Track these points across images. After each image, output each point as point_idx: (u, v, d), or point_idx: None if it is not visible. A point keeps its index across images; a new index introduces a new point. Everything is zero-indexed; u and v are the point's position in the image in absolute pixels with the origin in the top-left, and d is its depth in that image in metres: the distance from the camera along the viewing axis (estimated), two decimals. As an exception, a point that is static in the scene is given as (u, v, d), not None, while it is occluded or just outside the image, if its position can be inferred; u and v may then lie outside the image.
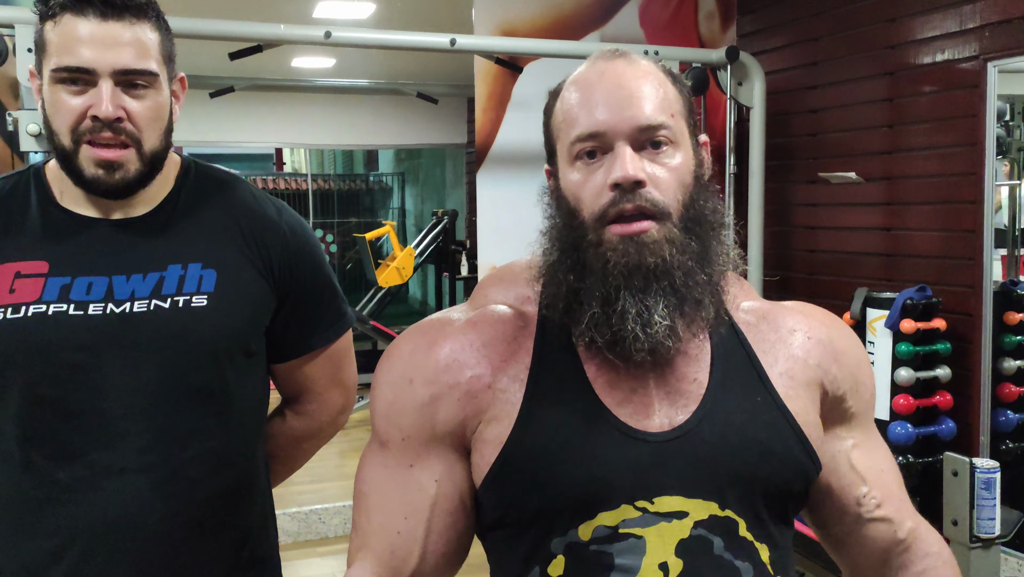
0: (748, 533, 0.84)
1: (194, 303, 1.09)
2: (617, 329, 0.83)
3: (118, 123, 1.04)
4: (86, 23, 1.02)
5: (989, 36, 2.91)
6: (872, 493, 0.93)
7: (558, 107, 0.89)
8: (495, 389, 0.87)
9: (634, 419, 0.85)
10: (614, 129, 0.83)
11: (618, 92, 0.84)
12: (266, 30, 3.05)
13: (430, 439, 0.88)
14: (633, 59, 0.88)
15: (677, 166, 0.85)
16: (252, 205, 1.18)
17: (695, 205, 0.86)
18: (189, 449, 1.09)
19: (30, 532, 1.08)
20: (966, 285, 3.03)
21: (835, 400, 0.93)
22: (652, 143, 0.84)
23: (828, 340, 0.93)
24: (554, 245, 0.88)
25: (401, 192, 9.54)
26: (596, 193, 0.84)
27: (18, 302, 1.06)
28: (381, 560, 0.88)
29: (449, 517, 0.88)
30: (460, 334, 0.90)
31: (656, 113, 0.84)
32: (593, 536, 0.83)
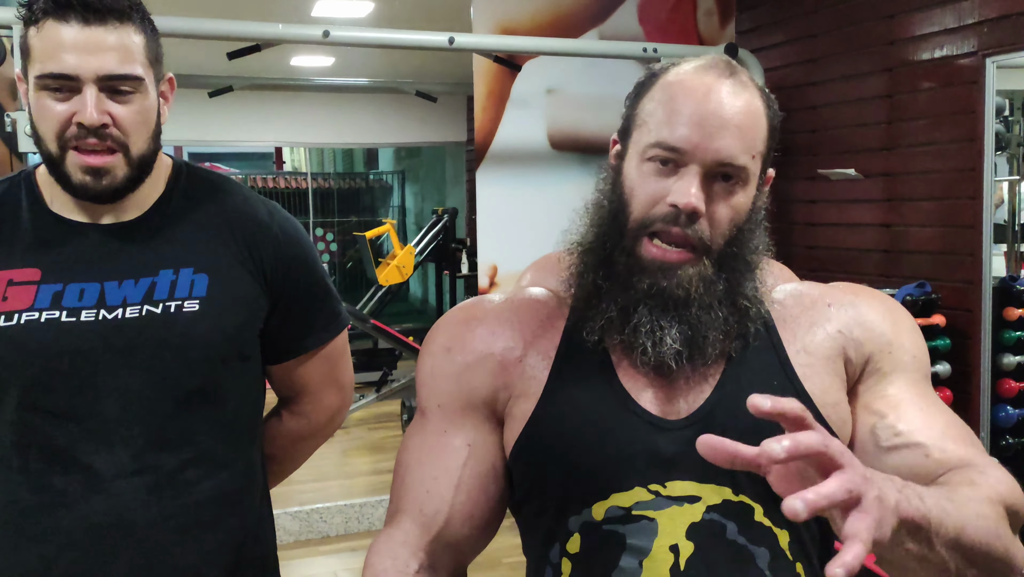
0: (766, 518, 0.85)
1: (186, 308, 1.09)
2: (628, 338, 0.86)
3: (103, 129, 1.04)
4: (68, 29, 1.01)
5: (988, 32, 2.91)
6: (888, 423, 0.88)
7: (650, 97, 0.88)
8: (525, 364, 0.92)
9: (653, 405, 0.88)
10: (694, 153, 0.84)
11: (713, 119, 0.84)
12: (264, 29, 3.05)
13: (465, 406, 0.92)
14: (742, 83, 0.87)
15: (738, 204, 0.87)
16: (243, 208, 1.18)
17: (739, 243, 0.88)
18: (184, 452, 1.10)
19: (27, 537, 1.08)
20: (965, 281, 3.03)
21: (860, 361, 0.91)
22: (724, 176, 0.85)
23: (852, 304, 0.93)
24: (592, 227, 0.91)
25: (401, 190, 9.54)
26: (652, 199, 0.85)
27: (11, 310, 1.06)
28: (410, 517, 0.91)
29: (478, 480, 0.91)
30: (498, 311, 0.95)
31: (741, 153, 0.84)
32: (606, 516, 0.86)
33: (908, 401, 0.89)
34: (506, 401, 0.92)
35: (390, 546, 0.89)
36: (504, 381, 0.92)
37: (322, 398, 1.29)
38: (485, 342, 0.93)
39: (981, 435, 3.01)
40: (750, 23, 3.97)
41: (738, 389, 0.87)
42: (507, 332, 0.93)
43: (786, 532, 0.86)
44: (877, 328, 0.92)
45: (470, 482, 0.91)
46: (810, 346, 0.91)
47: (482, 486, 0.92)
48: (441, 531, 0.90)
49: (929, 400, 0.91)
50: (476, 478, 0.91)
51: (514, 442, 0.90)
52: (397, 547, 0.89)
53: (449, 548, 0.91)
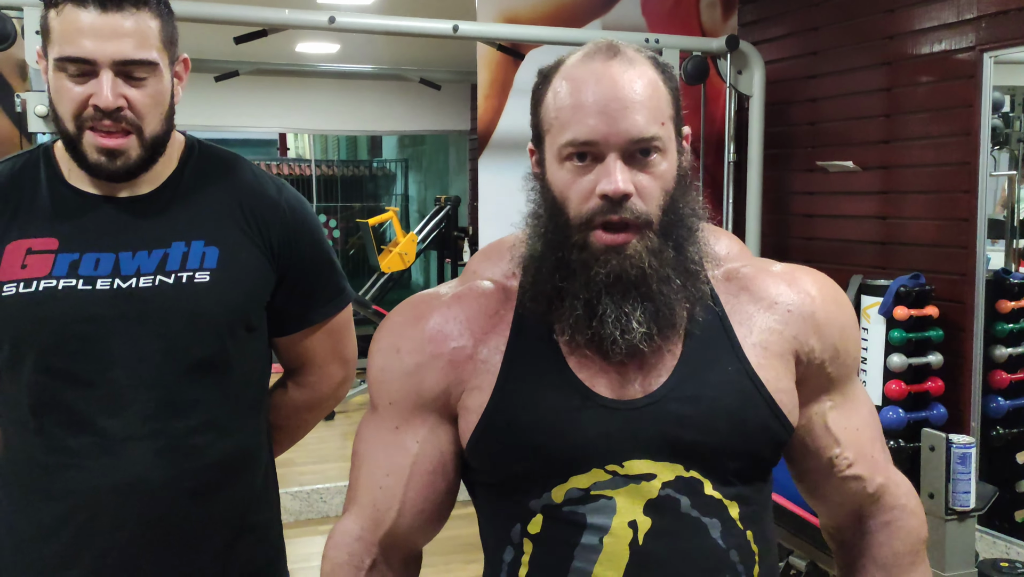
0: (715, 492, 0.90)
1: (197, 279, 1.13)
2: (597, 331, 0.88)
3: (119, 112, 1.07)
4: (87, 14, 1.05)
5: (986, 27, 2.94)
6: (844, 454, 0.98)
7: (550, 98, 0.90)
8: (476, 360, 0.93)
9: (607, 388, 0.90)
10: (607, 141, 0.85)
11: (613, 103, 0.85)
12: (271, 15, 3.08)
13: (415, 404, 0.95)
14: (628, 59, 0.88)
15: (663, 172, 0.88)
16: (253, 184, 1.22)
17: (675, 209, 0.90)
18: (192, 418, 1.14)
19: (42, 495, 1.13)
20: (959, 273, 3.06)
21: (813, 368, 0.96)
22: (642, 151, 0.87)
23: (810, 313, 0.96)
24: (539, 238, 0.92)
25: (404, 178, 9.57)
26: (584, 197, 0.87)
27: (30, 277, 1.10)
28: (365, 512, 0.97)
29: (428, 477, 0.95)
30: (445, 308, 0.95)
31: (649, 124, 0.86)
32: (566, 498, 0.89)
33: (849, 415, 0.99)
34: (459, 395, 0.93)
35: (346, 540, 0.97)
36: (456, 377, 0.93)
37: (326, 370, 1.33)
38: (434, 341, 0.94)
39: (972, 425, 3.05)
40: (752, 15, 4.00)
41: (692, 373, 0.90)
42: (455, 329, 0.94)
43: (735, 504, 0.90)
44: (830, 337, 0.96)
45: (420, 479, 0.95)
46: (765, 342, 0.94)
47: (432, 482, 0.95)
48: (393, 526, 0.96)
49: (860, 404, 1.01)
50: (426, 475, 0.95)
51: (470, 433, 0.92)
52: (352, 542, 0.96)
53: (401, 540, 0.97)
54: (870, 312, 3.09)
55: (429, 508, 0.96)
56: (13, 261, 1.11)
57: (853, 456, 0.98)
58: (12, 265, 1.11)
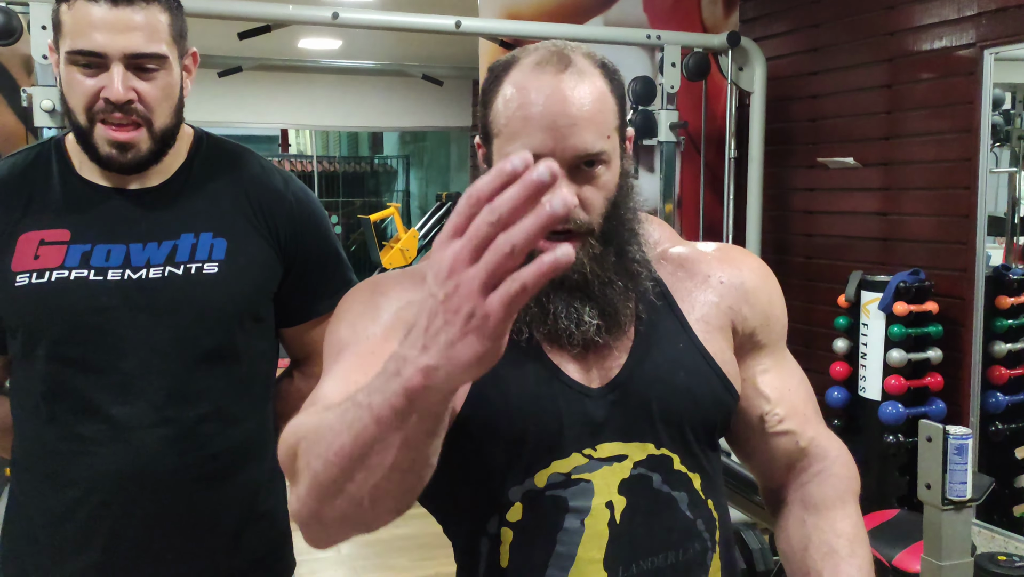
0: (682, 466, 0.95)
1: (206, 270, 1.15)
2: (552, 326, 0.91)
3: (129, 104, 1.09)
4: (98, 8, 1.07)
5: (986, 24, 2.95)
6: (775, 410, 1.02)
7: (499, 103, 0.89)
8: None
9: (578, 374, 0.93)
10: (554, 156, 0.85)
11: (561, 119, 0.86)
12: (275, 10, 3.10)
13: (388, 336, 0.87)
14: (578, 71, 0.88)
15: (606, 182, 0.91)
16: (260, 176, 1.24)
17: (617, 215, 0.93)
18: (201, 407, 1.16)
19: (55, 482, 1.15)
20: (959, 269, 3.08)
21: (746, 336, 1.02)
22: (587, 163, 0.89)
23: (740, 283, 1.01)
24: None
25: (406, 175, 9.58)
26: None
27: (42, 268, 1.12)
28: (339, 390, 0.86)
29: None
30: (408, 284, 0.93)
31: (596, 140, 0.88)
32: (548, 483, 0.92)
33: (781, 377, 1.04)
34: None
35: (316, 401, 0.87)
36: None
37: None
38: (399, 314, 0.90)
39: (971, 420, 3.07)
40: (753, 12, 4.01)
41: (648, 353, 0.95)
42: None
43: (698, 475, 0.96)
44: (759, 304, 1.02)
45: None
46: (706, 316, 0.99)
47: None
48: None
49: (790, 369, 1.06)
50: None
51: (452, 422, 0.88)
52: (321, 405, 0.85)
53: None
54: (870, 308, 3.11)
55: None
56: (26, 252, 1.13)
57: (784, 412, 1.03)
58: (25, 256, 1.13)
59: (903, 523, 2.33)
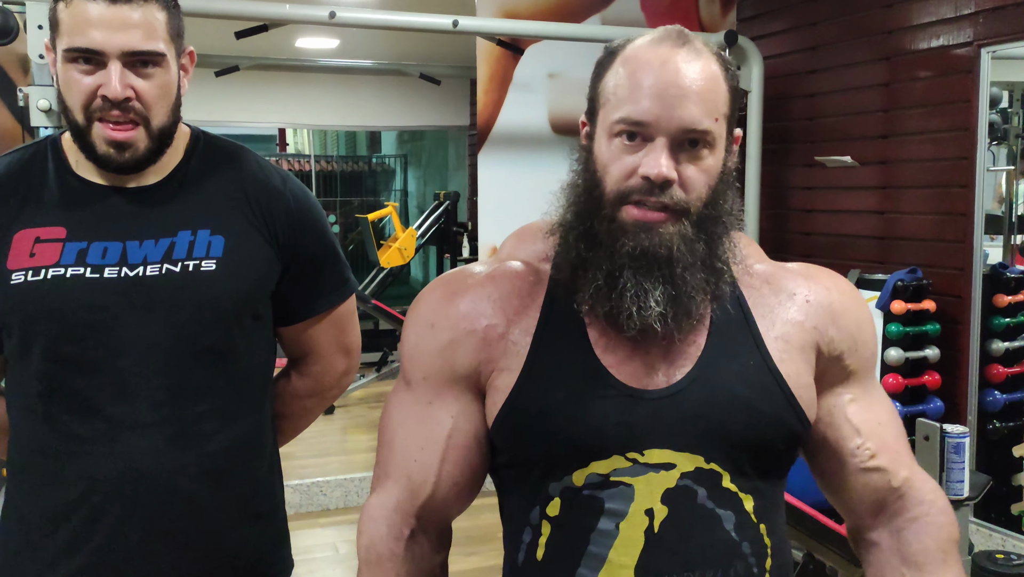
0: (732, 484, 0.91)
1: (203, 267, 1.15)
2: (615, 303, 0.89)
3: (127, 102, 1.09)
4: (95, 6, 1.06)
5: (983, 22, 2.95)
6: (866, 445, 0.96)
7: (611, 74, 0.90)
8: (507, 340, 0.94)
9: (631, 377, 0.91)
10: (658, 125, 0.86)
11: (673, 89, 0.86)
12: (272, 9, 3.10)
13: (448, 379, 0.96)
14: (696, 51, 0.89)
15: (708, 167, 0.89)
16: (258, 174, 1.24)
17: (715, 204, 0.90)
18: (199, 405, 1.15)
19: (52, 482, 1.14)
20: (956, 268, 3.08)
21: (832, 360, 0.96)
22: (691, 142, 0.87)
23: (827, 303, 0.97)
24: (571, 206, 0.93)
25: (404, 174, 9.57)
26: (625, 173, 0.88)
27: (38, 265, 1.12)
28: (400, 485, 0.97)
29: (462, 450, 0.96)
30: (479, 286, 0.97)
31: (703, 117, 0.86)
32: (586, 482, 0.91)
33: (871, 409, 0.98)
34: (488, 374, 0.95)
35: (384, 513, 0.97)
36: (487, 356, 0.94)
37: (330, 360, 1.34)
38: (467, 319, 0.95)
39: (968, 418, 3.07)
40: (751, 11, 4.01)
41: (715, 365, 0.91)
42: (488, 308, 0.95)
43: (750, 497, 0.91)
44: (847, 327, 0.97)
45: (455, 453, 0.96)
46: (787, 335, 0.95)
47: (465, 456, 0.97)
48: (429, 498, 0.97)
49: (880, 401, 1.00)
50: (460, 449, 0.96)
51: (496, 414, 0.93)
52: (390, 513, 0.97)
53: (436, 511, 0.98)
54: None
55: (463, 481, 0.97)
56: (22, 250, 1.12)
57: (875, 447, 0.97)
58: (21, 253, 1.12)
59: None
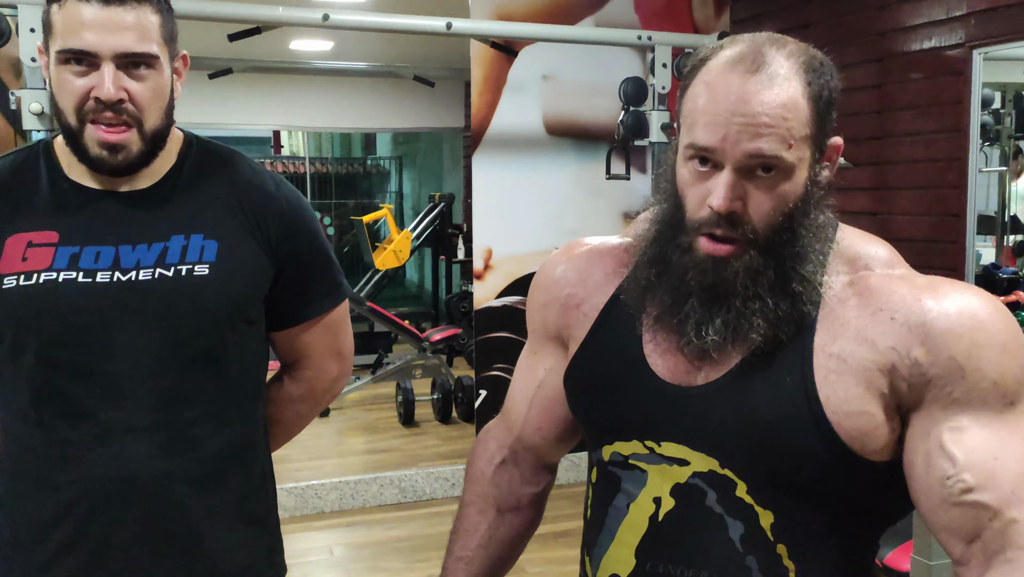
0: (748, 496, 0.89)
1: (196, 272, 1.14)
2: (677, 328, 0.92)
3: (120, 104, 1.09)
4: (89, 8, 1.06)
5: (975, 24, 2.96)
6: (961, 476, 0.83)
7: (689, 96, 0.90)
8: (581, 311, 1.04)
9: (665, 371, 0.94)
10: (724, 153, 0.85)
11: (739, 118, 0.84)
12: (265, 12, 3.09)
13: (544, 336, 1.09)
14: (770, 74, 0.85)
15: (783, 192, 0.87)
16: (251, 179, 1.24)
17: (791, 228, 0.88)
18: (192, 409, 1.15)
19: (42, 486, 1.14)
20: (949, 268, 3.09)
21: (920, 385, 0.85)
22: (763, 168, 0.86)
23: (921, 322, 0.85)
24: (656, 223, 0.95)
25: (398, 176, 9.57)
26: (698, 202, 0.89)
27: (30, 270, 1.11)
28: (504, 419, 1.15)
29: (547, 402, 1.09)
30: (578, 257, 1.07)
31: (772, 145, 0.84)
32: (610, 459, 0.98)
33: (987, 442, 0.84)
34: (567, 339, 1.05)
35: (486, 438, 1.16)
36: (566, 321, 1.05)
37: (323, 365, 1.34)
38: (558, 284, 1.06)
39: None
40: (744, 12, 4.02)
41: (748, 377, 0.90)
42: (576, 277, 1.05)
43: (770, 513, 0.88)
44: (947, 351, 0.84)
45: (541, 402, 1.09)
46: (845, 353, 0.87)
47: (549, 407, 1.09)
48: (519, 435, 1.12)
49: (1001, 434, 0.84)
50: (546, 400, 1.09)
51: (563, 376, 1.04)
52: (490, 440, 1.15)
53: (527, 449, 1.13)
54: (861, 307, 3.12)
55: (546, 428, 1.10)
56: (14, 254, 1.12)
57: (974, 481, 0.83)
58: (13, 258, 1.12)
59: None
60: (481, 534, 1.12)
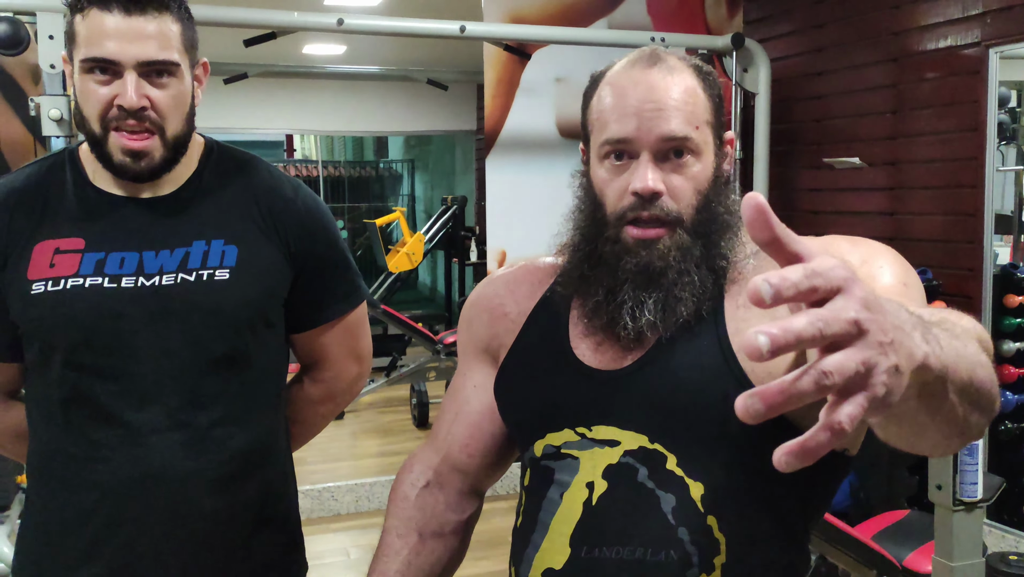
0: (678, 468, 0.90)
1: (217, 276, 1.16)
2: (612, 315, 0.94)
3: (142, 111, 1.11)
4: (111, 17, 1.09)
5: (991, 23, 2.95)
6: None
7: (594, 102, 0.97)
8: (509, 319, 1.06)
9: (592, 358, 0.97)
10: (640, 140, 0.91)
11: (648, 104, 0.91)
12: (280, 17, 3.11)
13: (472, 352, 1.10)
14: (668, 67, 0.93)
15: (696, 174, 0.93)
16: (270, 184, 1.26)
17: (708, 208, 0.93)
18: (214, 411, 1.17)
19: (70, 487, 1.16)
20: (966, 268, 3.08)
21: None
22: (675, 152, 0.92)
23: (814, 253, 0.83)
24: (577, 229, 0.99)
25: (411, 178, 9.60)
26: (619, 194, 0.93)
27: (58, 276, 1.14)
28: (430, 442, 1.13)
29: (475, 416, 1.08)
30: (508, 273, 1.11)
31: (681, 126, 0.91)
32: (543, 453, 0.98)
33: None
34: (496, 349, 1.07)
35: (412, 461, 1.13)
36: (494, 331, 1.07)
37: (342, 366, 1.36)
38: (486, 297, 1.10)
39: (980, 420, 3.06)
40: (758, 13, 4.01)
41: (669, 349, 0.93)
42: (504, 292, 1.08)
43: (700, 484, 0.89)
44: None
45: (466, 418, 1.08)
46: (748, 315, 0.91)
47: (477, 422, 1.08)
48: (446, 456, 1.10)
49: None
50: (472, 415, 1.08)
51: (493, 385, 1.05)
52: (415, 464, 1.12)
53: (454, 471, 1.10)
54: (878, 308, 3.11)
55: (474, 445, 1.08)
56: (42, 261, 1.14)
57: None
58: (41, 264, 1.14)
59: (914, 524, 2.32)
60: (402, 559, 1.06)
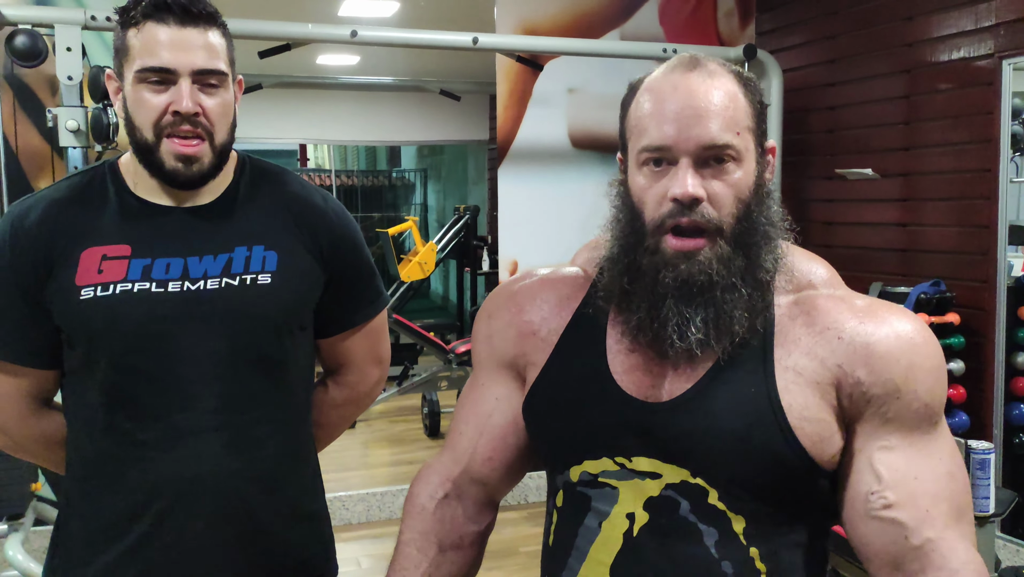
0: (720, 503, 0.91)
1: (259, 281, 1.21)
2: (658, 332, 0.92)
3: (196, 117, 1.16)
4: (167, 29, 1.15)
5: (1004, 34, 2.94)
6: (884, 493, 0.89)
7: (632, 109, 0.95)
8: (539, 337, 1.03)
9: (632, 386, 0.95)
10: (679, 146, 0.89)
11: (687, 110, 0.89)
12: (294, 29, 3.14)
13: (495, 365, 1.07)
14: (708, 71, 0.91)
15: (736, 181, 0.90)
16: (301, 194, 1.31)
17: (749, 217, 0.91)
18: (254, 411, 1.21)
19: (114, 490, 1.19)
20: (980, 280, 3.06)
21: (860, 402, 0.90)
22: (716, 159, 0.89)
23: (864, 344, 0.90)
24: (616, 240, 0.96)
25: (423, 188, 9.63)
26: (658, 201, 0.91)
27: (107, 281, 1.18)
28: (447, 453, 1.10)
29: (499, 429, 1.06)
30: (530, 285, 1.07)
31: (722, 132, 0.89)
32: (579, 479, 0.97)
33: (909, 461, 0.89)
34: (524, 366, 1.04)
35: (429, 472, 1.10)
36: (522, 349, 1.04)
37: (364, 370, 1.40)
38: (510, 311, 1.06)
39: (994, 432, 3.04)
40: (770, 24, 4.02)
41: (714, 387, 0.92)
42: (530, 305, 1.05)
43: (741, 518, 0.91)
44: (886, 372, 0.89)
45: (491, 431, 1.06)
46: (800, 367, 0.91)
47: (501, 435, 1.06)
48: (465, 469, 1.07)
49: (930, 458, 0.90)
50: (497, 428, 1.06)
51: (522, 404, 1.03)
52: (433, 474, 1.09)
53: (473, 483, 1.08)
54: (890, 319, 3.09)
55: (498, 458, 1.07)
56: (89, 267, 1.18)
57: (895, 498, 0.89)
58: (89, 271, 1.18)
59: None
60: (422, 572, 1.06)
